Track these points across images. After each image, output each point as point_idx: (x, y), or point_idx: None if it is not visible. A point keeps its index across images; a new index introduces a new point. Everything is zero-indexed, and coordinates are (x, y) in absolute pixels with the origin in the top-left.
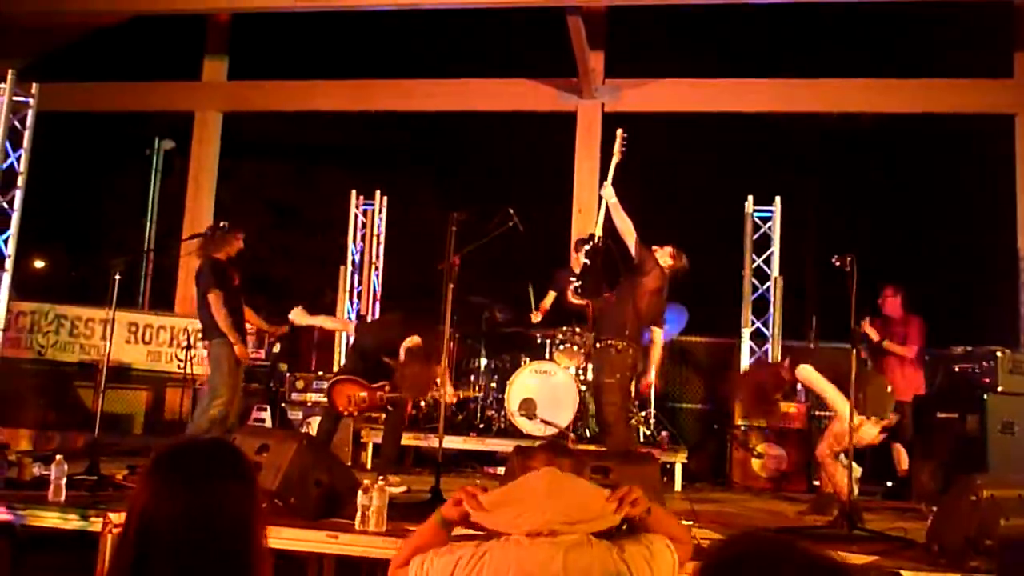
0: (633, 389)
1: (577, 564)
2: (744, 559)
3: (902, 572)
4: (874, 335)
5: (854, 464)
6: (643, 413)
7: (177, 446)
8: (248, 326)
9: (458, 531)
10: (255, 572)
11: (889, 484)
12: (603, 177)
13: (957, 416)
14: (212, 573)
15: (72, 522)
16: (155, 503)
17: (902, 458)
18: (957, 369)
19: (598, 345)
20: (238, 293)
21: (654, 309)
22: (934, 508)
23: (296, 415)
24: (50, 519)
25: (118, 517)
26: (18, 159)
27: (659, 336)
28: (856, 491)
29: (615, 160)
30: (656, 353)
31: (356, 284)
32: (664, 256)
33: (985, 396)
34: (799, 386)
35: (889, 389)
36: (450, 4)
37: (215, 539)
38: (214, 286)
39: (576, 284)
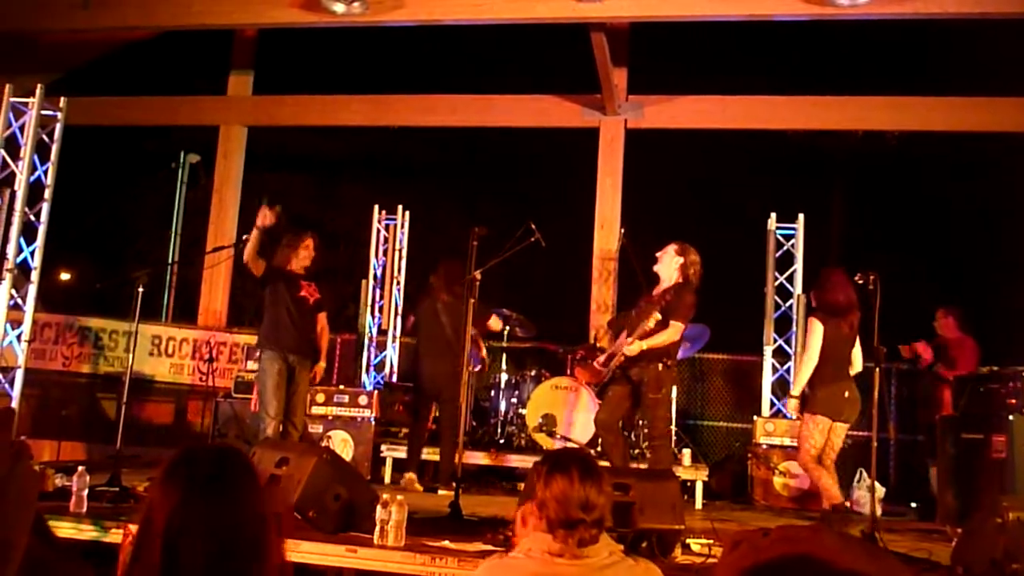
0: None
1: None
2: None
3: None
4: (925, 356)
5: (876, 484)
6: None
7: (190, 456)
8: None
9: (478, 547)
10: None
11: (913, 505)
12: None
13: (983, 437)
14: None
15: (87, 533)
16: (179, 515)
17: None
18: (983, 389)
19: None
20: (302, 304)
21: None
22: (959, 530)
23: (316, 429)
24: (65, 530)
25: None
26: (45, 172)
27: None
28: (879, 511)
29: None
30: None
31: (378, 298)
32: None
33: (1012, 417)
34: None
35: (846, 394)
36: (472, 20)
37: (236, 547)
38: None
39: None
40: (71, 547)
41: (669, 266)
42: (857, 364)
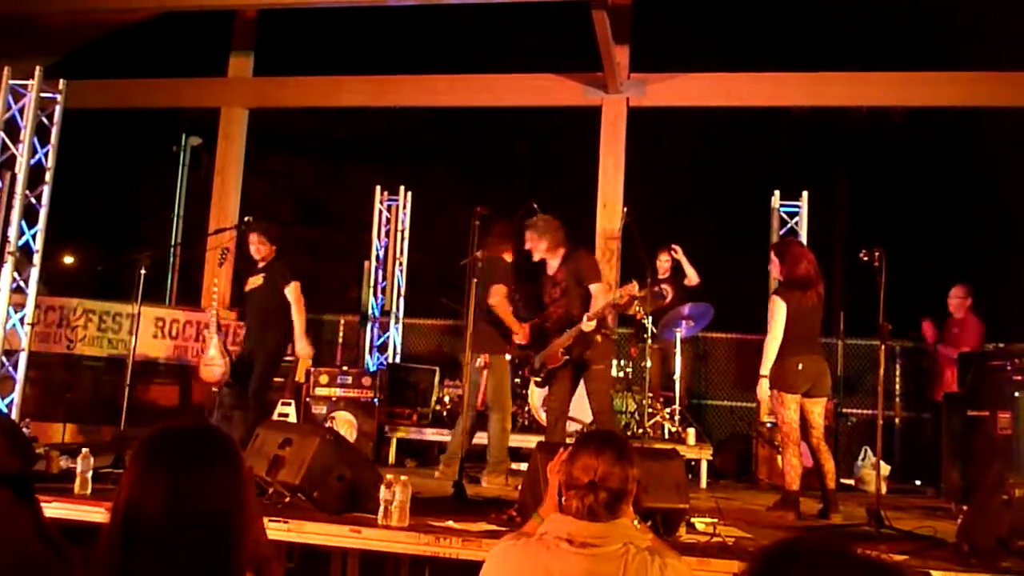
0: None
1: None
2: (791, 556)
3: (932, 573)
4: (928, 335)
5: (882, 463)
6: (668, 410)
7: (160, 433)
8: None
9: (482, 527)
10: (238, 559)
11: (917, 483)
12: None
13: (988, 414)
14: (194, 560)
15: (90, 514)
16: (138, 490)
17: None
18: (989, 366)
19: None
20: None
21: None
22: (964, 507)
23: (320, 409)
24: (68, 511)
25: None
26: (46, 155)
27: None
28: (884, 489)
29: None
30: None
31: (380, 279)
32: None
33: (1017, 394)
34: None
35: (800, 367)
36: None
37: (196, 526)
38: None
39: None
40: (65, 543)
41: (539, 246)
42: None
